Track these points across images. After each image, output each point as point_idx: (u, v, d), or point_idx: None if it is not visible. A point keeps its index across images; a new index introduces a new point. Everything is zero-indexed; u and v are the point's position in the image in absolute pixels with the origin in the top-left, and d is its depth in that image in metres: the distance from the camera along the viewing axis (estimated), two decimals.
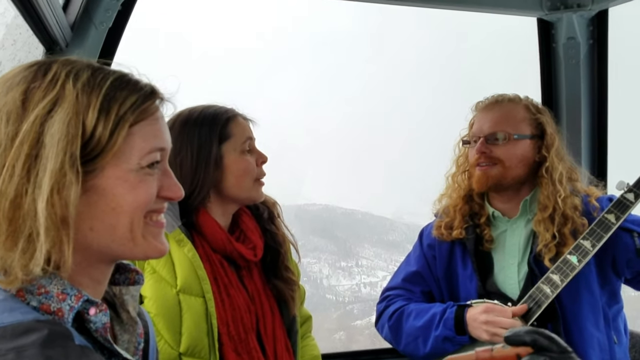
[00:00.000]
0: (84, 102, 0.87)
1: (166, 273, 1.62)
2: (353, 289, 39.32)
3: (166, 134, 0.98)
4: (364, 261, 44.41)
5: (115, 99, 0.89)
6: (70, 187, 0.83)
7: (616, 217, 1.89)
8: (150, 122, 0.94)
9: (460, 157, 2.25)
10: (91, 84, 0.88)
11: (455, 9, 2.98)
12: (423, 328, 2.08)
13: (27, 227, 0.82)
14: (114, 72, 0.93)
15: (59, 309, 0.85)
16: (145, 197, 0.92)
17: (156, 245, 0.96)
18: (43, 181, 0.82)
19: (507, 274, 2.10)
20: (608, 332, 2.00)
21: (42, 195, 0.82)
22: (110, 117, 0.88)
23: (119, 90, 0.90)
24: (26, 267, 0.82)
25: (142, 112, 0.92)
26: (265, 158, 1.78)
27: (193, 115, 1.73)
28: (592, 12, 2.84)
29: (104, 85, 0.89)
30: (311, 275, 41.35)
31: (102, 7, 2.21)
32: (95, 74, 0.90)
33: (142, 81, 0.95)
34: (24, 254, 0.82)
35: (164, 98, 0.98)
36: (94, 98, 0.87)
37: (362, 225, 51.59)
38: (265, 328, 1.72)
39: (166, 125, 0.98)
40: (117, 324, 1.02)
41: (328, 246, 46.24)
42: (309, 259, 43.52)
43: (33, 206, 0.82)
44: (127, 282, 1.05)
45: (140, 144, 0.91)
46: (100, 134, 0.86)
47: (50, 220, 0.82)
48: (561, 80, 3.00)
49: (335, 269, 43.09)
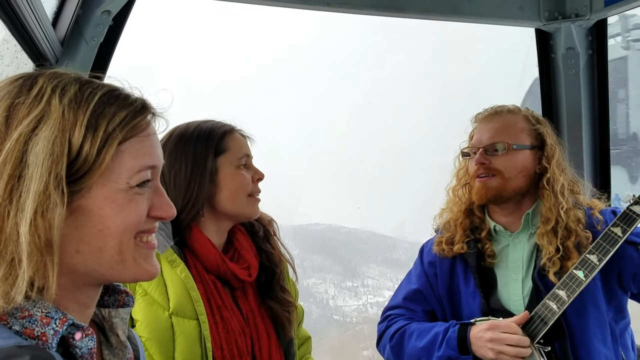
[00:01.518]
0: (71, 119, 0.83)
1: (158, 295, 1.58)
2: (360, 309, 39.20)
3: (158, 150, 0.93)
4: (369, 281, 44.39)
5: (104, 115, 0.85)
6: (54, 209, 0.80)
7: (623, 230, 1.85)
8: (141, 139, 0.89)
9: (461, 170, 2.22)
10: (78, 99, 0.84)
11: (454, 20, 2.98)
12: (425, 349, 2.02)
13: (9, 252, 0.79)
14: (103, 85, 0.89)
15: (42, 333, 0.81)
16: (134, 218, 0.88)
17: (146, 268, 0.92)
18: (26, 204, 0.78)
19: (511, 290, 2.05)
20: (616, 348, 1.95)
21: (24, 219, 0.78)
22: (98, 135, 0.84)
23: (108, 105, 0.86)
24: (7, 295, 0.78)
25: (132, 128, 0.88)
26: (261, 175, 1.75)
27: (189, 129, 1.71)
28: (591, 21, 2.84)
29: (91, 101, 0.85)
30: (317, 296, 41.31)
31: (93, 22, 2.19)
32: (83, 88, 0.86)
33: (133, 96, 0.91)
34: (5, 281, 0.78)
35: (155, 113, 0.94)
36: (81, 114, 0.83)
37: (366, 245, 51.63)
38: (260, 351, 1.67)
39: (158, 141, 0.94)
40: (106, 348, 0.99)
41: (333, 266, 46.26)
42: (314, 280, 43.54)
43: (15, 230, 0.78)
44: (117, 304, 1.01)
45: (130, 162, 0.87)
46: (87, 153, 0.83)
47: (33, 244, 0.78)
48: (561, 90, 2.98)
49: (341, 289, 43.05)
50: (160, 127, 0.95)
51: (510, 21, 2.93)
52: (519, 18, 2.90)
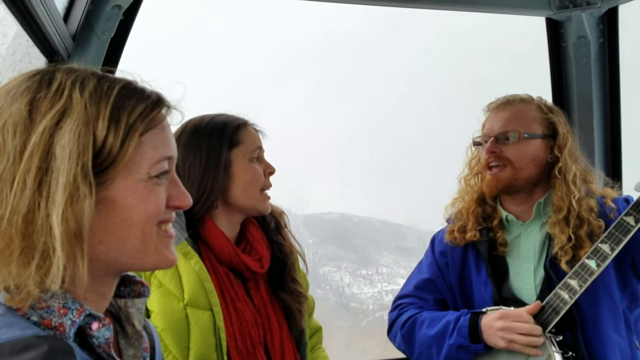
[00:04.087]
0: (93, 112, 0.85)
1: (173, 287, 1.60)
2: (375, 297, 39.28)
3: (173, 142, 0.96)
4: (383, 269, 44.38)
5: (124, 107, 0.87)
6: (84, 200, 0.82)
7: (635, 219, 1.83)
8: (159, 130, 0.92)
9: (473, 160, 2.21)
10: (98, 92, 0.86)
11: (463, 9, 2.96)
12: (436, 337, 2.03)
13: (42, 242, 0.80)
14: (119, 79, 0.91)
15: (60, 323, 0.83)
16: (155, 207, 0.90)
17: (167, 255, 0.95)
18: (56, 195, 0.80)
19: (522, 280, 2.05)
20: (630, 337, 1.94)
21: (56, 210, 0.80)
22: (121, 127, 0.86)
23: (127, 98, 0.89)
24: (42, 284, 0.80)
25: (150, 120, 0.90)
26: (273, 169, 1.77)
27: (203, 122, 1.72)
28: (602, 10, 2.80)
29: (111, 94, 0.87)
30: (333, 284, 41.42)
31: (104, 16, 2.20)
32: (102, 82, 0.88)
33: (148, 89, 0.93)
34: (39, 270, 0.80)
35: (170, 106, 0.96)
36: (103, 107, 0.85)
37: (379, 233, 51.58)
38: (272, 341, 1.68)
39: (172, 133, 0.97)
40: (122, 337, 1.00)
41: (348, 255, 46.29)
42: (329, 268, 43.62)
43: (47, 221, 0.80)
44: (133, 295, 1.03)
45: (150, 153, 0.90)
46: (111, 144, 0.85)
47: (65, 234, 0.80)
48: (572, 80, 2.96)
49: (356, 277, 43.11)
50: (175, 119, 0.98)
51: (520, 10, 2.90)
52: (530, 7, 2.87)
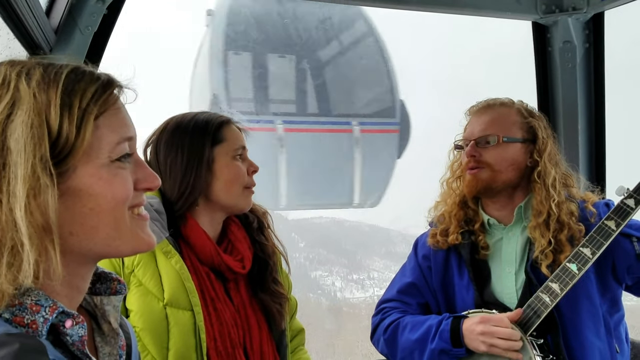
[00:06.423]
0: (44, 100, 0.82)
1: (153, 286, 1.58)
2: (367, 302, 39.42)
3: (131, 122, 0.94)
4: (375, 273, 44.47)
5: (75, 92, 0.85)
6: (46, 191, 0.80)
7: (616, 223, 1.84)
8: (114, 111, 0.90)
9: (455, 163, 2.22)
10: (46, 80, 0.84)
11: (452, 12, 2.97)
12: (419, 341, 2.03)
13: (9, 239, 0.78)
14: (66, 65, 0.89)
15: (32, 321, 0.81)
16: (123, 191, 0.88)
17: (144, 238, 0.93)
18: (17, 189, 0.78)
19: (504, 283, 2.05)
20: (609, 341, 1.95)
21: (18, 203, 0.78)
22: (74, 112, 0.84)
23: (77, 82, 0.86)
24: (15, 281, 0.78)
25: (104, 102, 0.88)
26: (256, 168, 1.76)
27: (185, 120, 1.71)
28: (588, 15, 2.83)
29: (60, 80, 0.85)
30: (325, 288, 41.49)
31: (87, 10, 2.17)
32: (48, 70, 0.86)
33: (97, 71, 0.91)
34: (11, 267, 0.78)
35: (122, 86, 0.94)
36: (53, 94, 0.83)
37: (369, 238, 51.65)
38: (251, 343, 1.67)
39: (129, 113, 0.95)
40: (98, 335, 0.99)
41: (339, 259, 46.33)
42: (320, 272, 43.68)
43: (11, 216, 0.78)
44: (109, 292, 1.01)
45: (108, 135, 0.88)
46: (67, 131, 0.83)
47: (31, 228, 0.79)
48: (557, 84, 2.98)
49: (347, 282, 43.19)
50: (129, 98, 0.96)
51: (507, 14, 2.92)
52: (516, 11, 2.89)
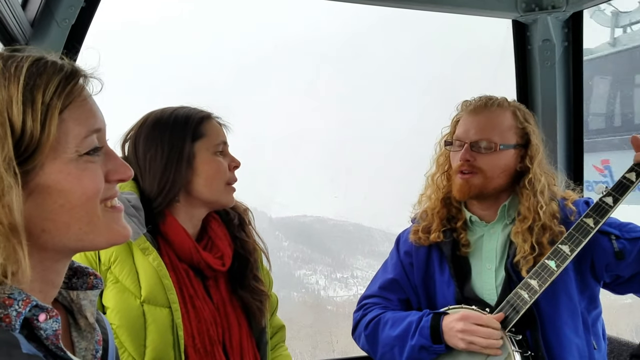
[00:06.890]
0: (5, 98, 0.80)
1: (130, 283, 1.55)
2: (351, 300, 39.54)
3: (99, 113, 0.91)
4: (358, 272, 44.52)
5: (37, 86, 0.82)
6: (10, 191, 0.77)
7: (595, 221, 1.86)
8: (79, 103, 0.87)
9: (441, 157, 2.19)
10: (6, 75, 0.81)
11: (433, 10, 2.97)
12: (399, 337, 2.03)
13: None
14: (27, 57, 0.85)
15: (5, 315, 0.79)
16: (93, 186, 0.86)
17: (119, 230, 0.92)
18: None
19: (484, 280, 2.06)
20: (587, 337, 1.97)
21: None
22: (37, 107, 0.81)
23: (38, 76, 0.83)
24: None
25: (68, 94, 0.85)
26: (238, 163, 1.73)
27: (165, 115, 1.68)
28: (567, 13, 2.86)
29: (20, 75, 0.82)
30: (309, 287, 41.48)
31: (64, 3, 2.13)
32: (8, 64, 0.83)
33: (60, 61, 0.88)
34: None
35: (87, 75, 0.90)
36: (14, 90, 0.80)
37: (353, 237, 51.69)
38: (231, 340, 1.65)
39: (96, 104, 0.91)
40: (74, 330, 0.97)
41: (323, 258, 46.28)
42: (304, 271, 43.65)
43: None
44: (85, 287, 0.99)
45: (75, 129, 0.85)
46: (31, 128, 0.80)
47: None
48: (537, 82, 3.00)
49: (331, 281, 43.22)
50: (96, 88, 0.92)
51: (487, 12, 2.93)
52: (496, 9, 2.91)
